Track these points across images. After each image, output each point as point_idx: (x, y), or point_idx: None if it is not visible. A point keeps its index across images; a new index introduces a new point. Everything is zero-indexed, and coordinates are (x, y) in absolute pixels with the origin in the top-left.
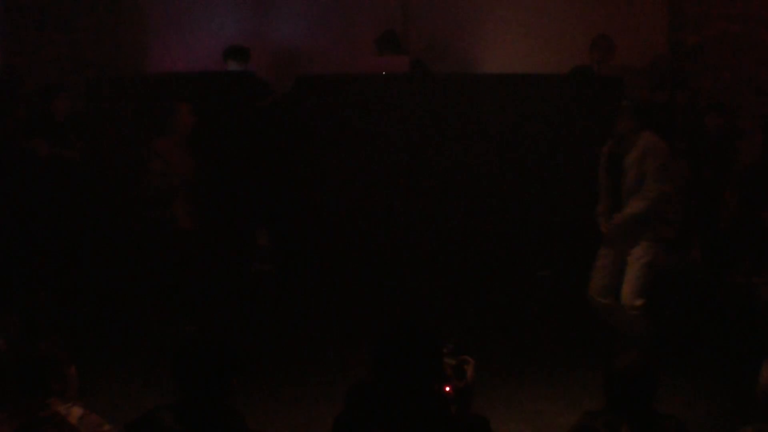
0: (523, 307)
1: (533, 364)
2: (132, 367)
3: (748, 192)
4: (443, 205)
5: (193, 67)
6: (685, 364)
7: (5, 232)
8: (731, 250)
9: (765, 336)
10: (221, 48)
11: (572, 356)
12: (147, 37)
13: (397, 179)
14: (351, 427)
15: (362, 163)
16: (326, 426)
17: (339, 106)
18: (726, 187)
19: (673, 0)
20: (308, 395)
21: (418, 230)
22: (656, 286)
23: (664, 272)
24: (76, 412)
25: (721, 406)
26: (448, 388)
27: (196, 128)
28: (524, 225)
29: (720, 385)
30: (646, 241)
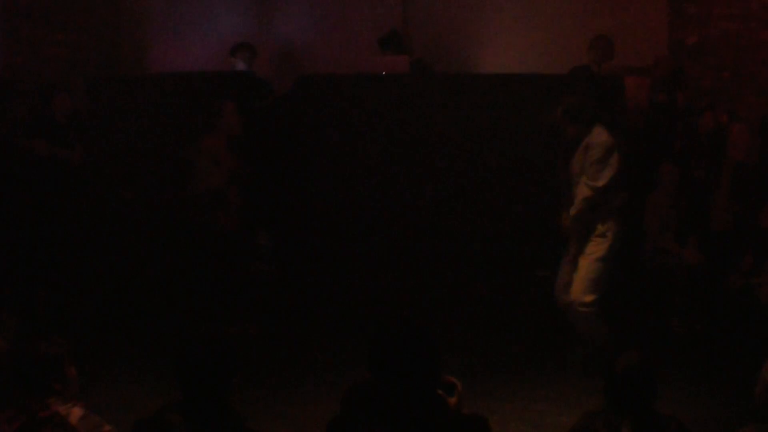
0: (522, 307)
1: (533, 365)
2: (132, 367)
3: (743, 192)
4: (443, 204)
5: (194, 67)
6: (685, 364)
7: (5, 232)
8: (729, 251)
9: (764, 336)
10: (222, 48)
11: (572, 356)
12: (147, 37)
13: (397, 179)
14: (347, 428)
15: (362, 163)
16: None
17: (339, 106)
18: (717, 186)
19: (673, 0)
20: (308, 395)
21: (417, 230)
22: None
23: (664, 273)
24: (77, 412)
25: (721, 406)
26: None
27: (243, 127)
28: (524, 225)
29: (720, 385)
30: (596, 237)
